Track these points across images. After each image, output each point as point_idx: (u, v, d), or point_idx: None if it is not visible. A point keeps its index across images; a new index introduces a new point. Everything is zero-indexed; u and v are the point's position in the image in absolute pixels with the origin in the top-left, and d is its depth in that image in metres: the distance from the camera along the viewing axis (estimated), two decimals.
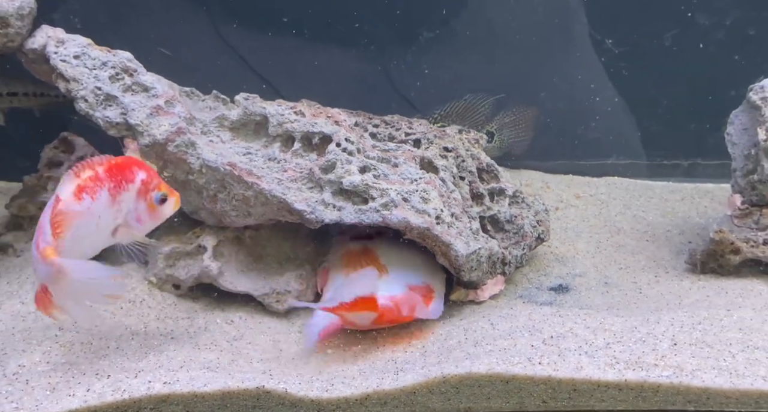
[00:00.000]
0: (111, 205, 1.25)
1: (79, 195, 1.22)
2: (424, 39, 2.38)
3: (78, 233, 1.22)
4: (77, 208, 1.21)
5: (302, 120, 1.68)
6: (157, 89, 1.56)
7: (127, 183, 1.27)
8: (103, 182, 1.24)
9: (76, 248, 1.23)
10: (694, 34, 2.28)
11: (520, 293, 1.76)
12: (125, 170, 1.27)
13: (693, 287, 1.68)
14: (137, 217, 1.29)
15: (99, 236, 1.27)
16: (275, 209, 1.60)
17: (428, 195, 1.61)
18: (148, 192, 1.29)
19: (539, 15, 2.35)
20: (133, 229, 1.29)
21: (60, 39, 1.51)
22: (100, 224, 1.25)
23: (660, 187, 2.34)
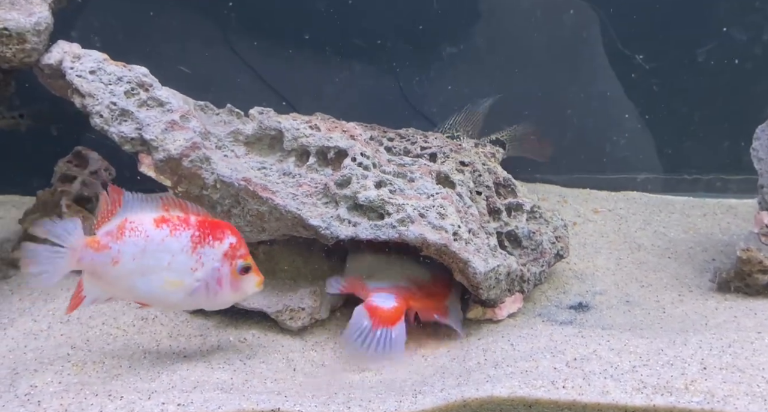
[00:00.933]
0: (190, 252, 1.25)
1: (159, 224, 1.24)
2: (444, 54, 2.37)
3: (146, 262, 1.23)
4: (152, 231, 1.22)
5: (317, 134, 1.66)
6: (172, 104, 1.55)
7: (213, 240, 1.27)
8: (189, 227, 1.25)
9: (138, 279, 1.24)
10: (725, 49, 2.24)
11: (539, 311, 1.71)
12: (216, 229, 1.28)
13: (719, 307, 1.63)
14: (218, 279, 1.28)
15: (168, 281, 1.26)
16: (290, 225, 1.57)
17: (445, 211, 1.58)
18: (234, 258, 1.29)
19: (565, 30, 2.33)
20: (210, 290, 1.28)
21: (76, 54, 1.51)
22: (173, 266, 1.25)
23: (680, 202, 2.30)
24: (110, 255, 1.22)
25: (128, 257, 1.23)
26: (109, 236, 1.23)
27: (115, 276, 1.23)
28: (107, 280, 1.24)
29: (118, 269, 1.23)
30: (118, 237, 1.23)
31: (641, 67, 2.29)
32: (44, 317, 1.48)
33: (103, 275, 1.23)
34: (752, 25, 2.22)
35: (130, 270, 1.23)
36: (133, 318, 1.53)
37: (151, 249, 1.23)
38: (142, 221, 1.24)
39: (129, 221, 1.24)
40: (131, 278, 1.24)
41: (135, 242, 1.23)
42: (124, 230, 1.23)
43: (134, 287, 1.25)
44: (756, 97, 2.23)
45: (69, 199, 1.72)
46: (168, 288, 1.26)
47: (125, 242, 1.23)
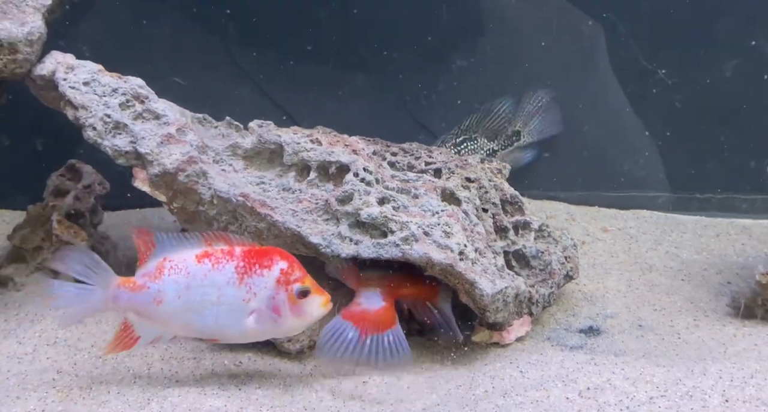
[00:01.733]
0: (238, 284, 1.22)
1: (201, 259, 1.22)
2: (452, 67, 2.33)
3: (192, 298, 1.21)
4: (192, 267, 1.21)
5: (319, 149, 1.60)
6: (169, 117, 1.49)
7: (261, 268, 1.24)
8: (233, 259, 1.23)
9: (190, 316, 1.22)
10: (748, 65, 2.18)
11: (548, 334, 1.64)
12: (263, 256, 1.25)
13: (738, 333, 1.55)
14: (275, 307, 1.24)
15: (223, 314, 1.23)
16: (289, 242, 1.51)
17: (451, 229, 1.52)
18: (289, 283, 1.24)
19: (577, 44, 2.28)
20: (269, 319, 1.24)
21: (70, 65, 1.46)
22: (224, 299, 1.22)
23: (692, 221, 2.23)
24: (150, 295, 1.21)
25: (172, 295, 1.21)
26: (147, 277, 1.22)
27: (164, 315, 1.22)
28: (157, 320, 1.23)
29: (165, 308, 1.21)
30: (157, 277, 1.22)
31: (658, 83, 2.24)
32: (30, 339, 1.41)
33: (151, 315, 1.22)
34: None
35: (178, 308, 1.21)
36: None
37: (195, 285, 1.21)
38: (182, 258, 1.22)
39: (168, 260, 1.22)
40: (184, 316, 1.22)
41: (176, 279, 1.21)
42: (163, 269, 1.22)
43: (191, 324, 1.23)
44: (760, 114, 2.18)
45: (60, 214, 1.66)
46: (224, 322, 1.24)
47: (165, 280, 1.21)
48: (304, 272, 1.27)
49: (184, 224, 1.56)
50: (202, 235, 1.24)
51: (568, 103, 2.31)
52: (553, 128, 2.29)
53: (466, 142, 2.19)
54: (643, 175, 2.33)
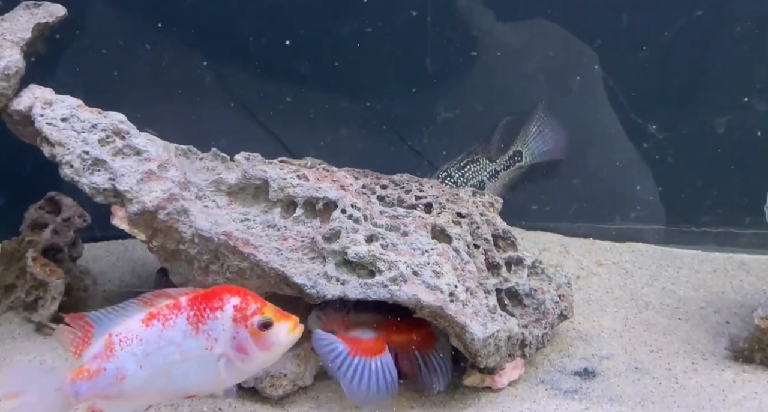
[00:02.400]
0: (194, 334, 1.16)
1: (149, 322, 1.16)
2: (448, 96, 2.31)
3: (155, 363, 1.15)
4: (143, 333, 1.14)
5: (305, 184, 1.55)
6: (150, 152, 1.45)
7: (213, 311, 1.17)
8: (181, 311, 1.17)
9: (160, 381, 1.16)
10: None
11: (542, 377, 1.59)
12: (212, 299, 1.18)
13: (737, 380, 1.50)
14: (239, 346, 1.17)
15: (193, 368, 1.17)
16: (273, 282, 1.46)
17: (441, 269, 1.47)
18: (247, 319, 1.17)
19: (572, 90, 2.28)
20: (238, 360, 1.17)
21: (48, 100, 1.42)
22: (187, 355, 1.16)
23: (689, 256, 2.19)
24: (110, 375, 1.14)
25: (132, 367, 1.15)
26: (99, 358, 1.15)
27: (132, 389, 1.15)
28: (127, 396, 1.16)
29: (131, 382, 1.15)
30: (109, 355, 1.15)
31: (651, 134, 2.23)
32: None
33: (119, 393, 1.16)
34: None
35: (145, 378, 1.15)
36: None
37: (152, 350, 1.15)
38: (128, 327, 1.16)
39: (114, 334, 1.16)
40: (153, 383, 1.16)
41: (130, 351, 1.15)
42: (113, 346, 1.15)
43: (164, 389, 1.17)
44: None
45: (37, 250, 1.60)
46: (196, 377, 1.17)
47: (118, 355, 1.14)
48: (261, 303, 1.20)
49: (164, 263, 1.51)
50: (140, 299, 1.18)
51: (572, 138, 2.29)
52: (557, 153, 2.26)
53: (468, 165, 2.19)
54: (639, 207, 2.30)
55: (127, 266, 2.04)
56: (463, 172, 2.17)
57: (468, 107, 2.30)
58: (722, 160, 2.19)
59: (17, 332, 1.52)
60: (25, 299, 1.55)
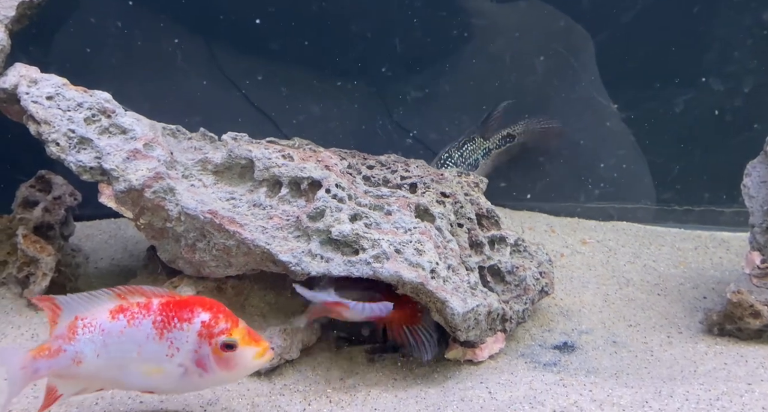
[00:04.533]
0: (158, 339, 1.18)
1: (115, 315, 1.18)
2: (439, 74, 2.32)
3: (111, 355, 1.17)
4: (106, 324, 1.17)
5: (290, 164, 1.58)
6: (136, 131, 1.47)
7: (180, 322, 1.18)
8: (149, 313, 1.18)
9: (114, 372, 1.18)
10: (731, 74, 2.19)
11: (522, 351, 1.63)
12: (182, 309, 1.19)
13: (709, 351, 1.55)
14: (198, 361, 1.18)
15: (150, 370, 1.19)
16: (258, 260, 1.49)
17: (423, 246, 1.50)
18: (212, 336, 1.18)
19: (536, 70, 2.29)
20: (194, 374, 1.19)
21: (33, 79, 1.43)
22: (145, 356, 1.18)
23: (671, 234, 2.22)
24: (68, 357, 1.17)
25: (90, 354, 1.18)
26: (61, 339, 1.18)
27: (86, 373, 1.19)
28: (80, 378, 1.20)
29: (86, 367, 1.18)
30: (71, 337, 1.18)
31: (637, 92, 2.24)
32: None
33: (74, 375, 1.19)
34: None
35: (100, 366, 1.18)
36: None
37: (112, 342, 1.17)
38: (95, 316, 1.18)
39: (80, 318, 1.18)
40: (108, 372, 1.19)
41: (91, 338, 1.17)
42: (76, 329, 1.18)
43: (119, 379, 1.20)
44: (752, 125, 2.17)
45: (28, 227, 1.63)
46: (153, 377, 1.19)
47: (79, 340, 1.17)
48: (232, 322, 1.20)
49: (152, 240, 1.54)
50: (114, 290, 1.20)
51: (552, 112, 2.31)
52: (546, 144, 2.33)
53: (467, 143, 2.23)
54: (624, 187, 2.32)
55: (119, 245, 2.07)
56: (461, 152, 2.22)
57: (438, 88, 2.31)
58: (705, 140, 2.22)
59: (9, 307, 1.56)
60: (16, 276, 1.58)
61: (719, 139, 2.21)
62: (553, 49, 2.25)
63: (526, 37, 2.26)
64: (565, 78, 2.27)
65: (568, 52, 2.23)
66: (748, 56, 2.17)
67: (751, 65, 2.18)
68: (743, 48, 2.17)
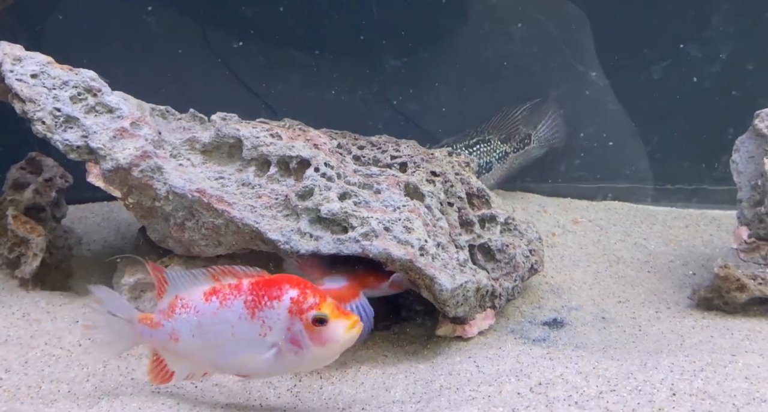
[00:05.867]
0: (250, 318, 1.18)
1: (209, 297, 1.20)
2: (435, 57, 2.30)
3: (206, 336, 1.19)
4: (201, 306, 1.19)
5: (279, 143, 1.58)
6: (123, 110, 1.47)
7: (270, 300, 1.19)
8: (240, 294, 1.19)
9: (210, 353, 1.20)
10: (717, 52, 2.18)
11: (512, 327, 1.65)
12: (272, 287, 1.20)
13: (696, 325, 1.56)
14: (292, 339, 1.18)
15: (244, 349, 1.20)
16: (247, 238, 1.50)
17: (412, 224, 1.51)
18: (302, 312, 1.18)
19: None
20: (289, 352, 1.19)
21: (17, 56, 1.42)
22: (239, 336, 1.19)
23: (663, 212, 2.23)
24: (166, 332, 1.21)
25: (186, 333, 1.20)
26: (162, 314, 1.22)
27: (184, 352, 1.21)
28: (179, 356, 1.22)
29: (183, 346, 1.20)
30: (170, 315, 1.21)
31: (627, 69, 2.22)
32: None
33: (172, 351, 1.22)
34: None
35: (195, 346, 1.20)
36: (79, 338, 1.45)
37: (206, 323, 1.19)
38: (192, 296, 1.21)
39: (180, 297, 1.21)
40: (204, 353, 1.21)
41: (187, 318, 1.20)
42: (175, 308, 1.21)
43: (216, 361, 1.22)
44: (743, 104, 2.16)
45: (18, 209, 1.64)
46: (246, 358, 1.20)
47: (177, 319, 1.20)
48: (320, 297, 1.20)
49: (141, 220, 1.54)
50: (209, 271, 1.21)
51: (542, 90, 2.30)
52: (559, 142, 2.31)
53: (479, 144, 2.19)
54: (616, 167, 2.33)
55: (111, 227, 2.08)
56: (472, 151, 2.17)
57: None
58: (697, 119, 2.21)
59: (1, 287, 1.57)
60: (7, 256, 1.59)
61: (711, 119, 2.20)
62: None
63: (503, 5, 2.23)
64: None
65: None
66: None
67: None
68: None
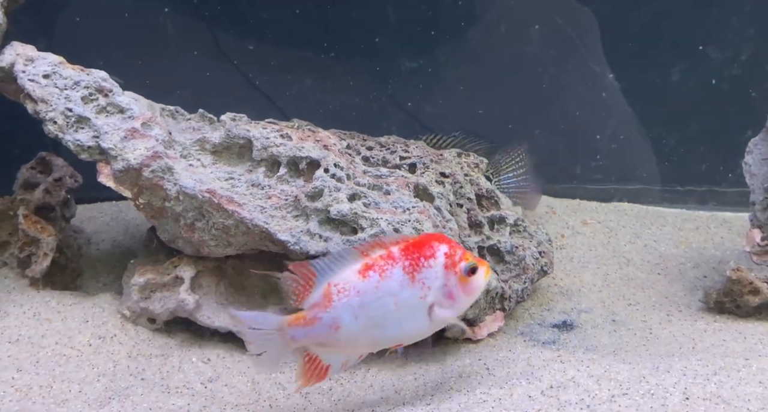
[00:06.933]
0: (410, 284, 1.18)
1: (365, 273, 1.18)
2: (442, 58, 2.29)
3: (370, 314, 1.18)
4: (360, 284, 1.17)
5: (288, 144, 1.58)
6: (134, 110, 1.47)
7: (426, 259, 1.19)
8: (396, 261, 1.18)
9: (372, 332, 1.19)
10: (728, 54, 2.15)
11: (522, 329, 1.64)
12: (423, 248, 1.20)
13: (708, 329, 1.55)
14: (449, 294, 1.20)
15: (407, 317, 1.20)
16: (257, 239, 1.50)
17: (421, 226, 1.50)
18: (455, 265, 1.20)
19: (562, 30, 2.25)
20: (447, 307, 1.20)
21: (29, 57, 1.43)
22: (402, 304, 1.18)
23: (673, 214, 2.22)
24: (325, 325, 1.18)
25: (348, 318, 1.18)
26: (317, 307, 1.18)
27: (346, 339, 1.19)
28: (339, 345, 1.20)
29: (345, 332, 1.18)
30: (327, 305, 1.18)
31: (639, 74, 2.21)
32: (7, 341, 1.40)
33: (332, 342, 1.20)
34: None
35: (359, 328, 1.19)
36: (89, 337, 1.45)
37: (369, 301, 1.18)
38: (346, 279, 1.18)
39: (332, 284, 1.18)
40: (367, 334, 1.19)
41: (348, 302, 1.18)
42: (331, 296, 1.18)
43: (374, 339, 1.21)
44: (756, 105, 2.15)
45: (29, 209, 1.64)
46: (407, 326, 1.20)
47: (336, 306, 1.18)
48: (462, 248, 1.22)
49: (151, 220, 1.54)
50: (357, 248, 1.20)
51: (553, 92, 2.28)
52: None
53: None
54: (625, 168, 2.31)
55: (120, 227, 2.09)
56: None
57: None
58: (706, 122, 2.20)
59: (12, 286, 1.57)
60: (18, 256, 1.59)
61: (722, 120, 2.18)
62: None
63: (521, 6, 2.21)
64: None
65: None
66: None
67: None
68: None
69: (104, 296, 1.58)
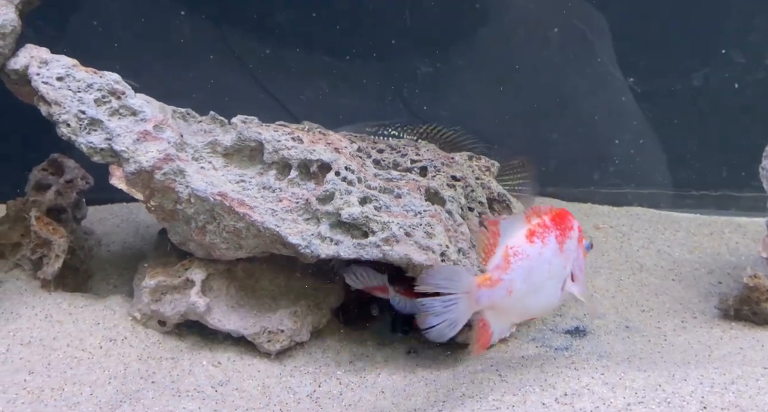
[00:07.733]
0: (559, 253, 1.19)
1: (531, 238, 1.18)
2: (446, 66, 2.29)
3: (533, 280, 1.18)
4: (529, 249, 1.17)
5: (300, 147, 1.57)
6: (146, 113, 1.47)
7: (568, 231, 1.20)
8: (551, 230, 1.19)
9: (530, 298, 1.19)
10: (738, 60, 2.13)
11: (533, 335, 1.62)
12: (564, 220, 1.21)
13: (724, 336, 1.53)
14: (580, 267, 1.22)
15: (551, 286, 1.21)
16: (268, 242, 1.49)
17: (433, 229, 1.49)
18: (581, 240, 1.22)
19: (570, 36, 2.23)
20: (578, 281, 1.21)
21: (43, 59, 1.43)
22: (552, 272, 1.19)
23: (687, 219, 2.19)
24: (504, 287, 1.18)
25: (519, 282, 1.18)
26: (499, 269, 1.18)
27: (513, 304, 1.20)
28: (507, 310, 1.20)
29: (515, 297, 1.19)
30: (506, 267, 1.17)
31: (648, 78, 2.19)
32: (3, 338, 1.40)
33: (504, 306, 1.19)
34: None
35: (522, 293, 1.19)
36: (100, 340, 1.45)
37: (534, 266, 1.18)
38: (518, 242, 1.18)
39: (509, 247, 1.18)
40: (524, 300, 1.20)
41: (521, 265, 1.18)
42: (509, 258, 1.18)
43: (527, 308, 1.21)
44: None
45: (41, 210, 1.64)
46: (551, 295, 1.21)
47: (513, 269, 1.18)
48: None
49: (162, 222, 1.54)
50: (523, 214, 1.19)
51: (566, 96, 2.27)
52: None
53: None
54: (638, 172, 2.29)
55: (131, 228, 2.09)
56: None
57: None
58: (721, 126, 2.17)
59: (24, 288, 1.58)
60: (30, 257, 1.60)
61: (737, 124, 2.16)
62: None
63: (538, 9, 2.20)
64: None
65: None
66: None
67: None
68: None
69: (115, 298, 1.58)
